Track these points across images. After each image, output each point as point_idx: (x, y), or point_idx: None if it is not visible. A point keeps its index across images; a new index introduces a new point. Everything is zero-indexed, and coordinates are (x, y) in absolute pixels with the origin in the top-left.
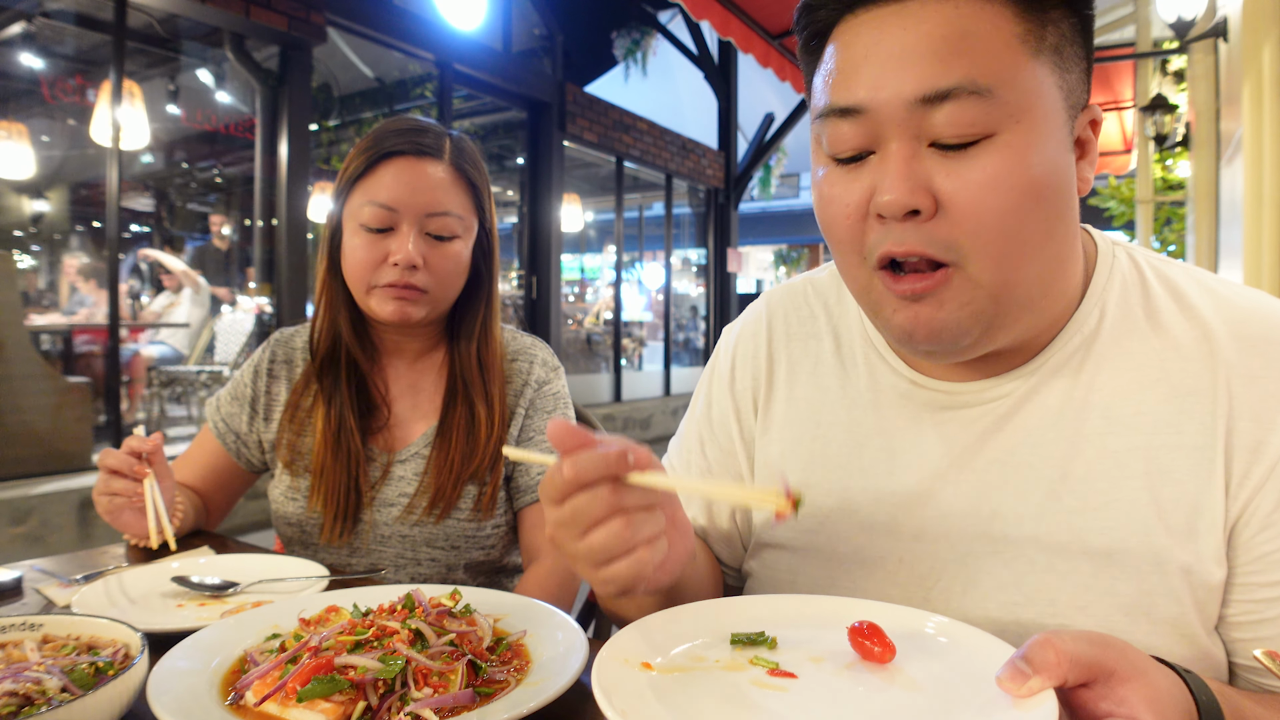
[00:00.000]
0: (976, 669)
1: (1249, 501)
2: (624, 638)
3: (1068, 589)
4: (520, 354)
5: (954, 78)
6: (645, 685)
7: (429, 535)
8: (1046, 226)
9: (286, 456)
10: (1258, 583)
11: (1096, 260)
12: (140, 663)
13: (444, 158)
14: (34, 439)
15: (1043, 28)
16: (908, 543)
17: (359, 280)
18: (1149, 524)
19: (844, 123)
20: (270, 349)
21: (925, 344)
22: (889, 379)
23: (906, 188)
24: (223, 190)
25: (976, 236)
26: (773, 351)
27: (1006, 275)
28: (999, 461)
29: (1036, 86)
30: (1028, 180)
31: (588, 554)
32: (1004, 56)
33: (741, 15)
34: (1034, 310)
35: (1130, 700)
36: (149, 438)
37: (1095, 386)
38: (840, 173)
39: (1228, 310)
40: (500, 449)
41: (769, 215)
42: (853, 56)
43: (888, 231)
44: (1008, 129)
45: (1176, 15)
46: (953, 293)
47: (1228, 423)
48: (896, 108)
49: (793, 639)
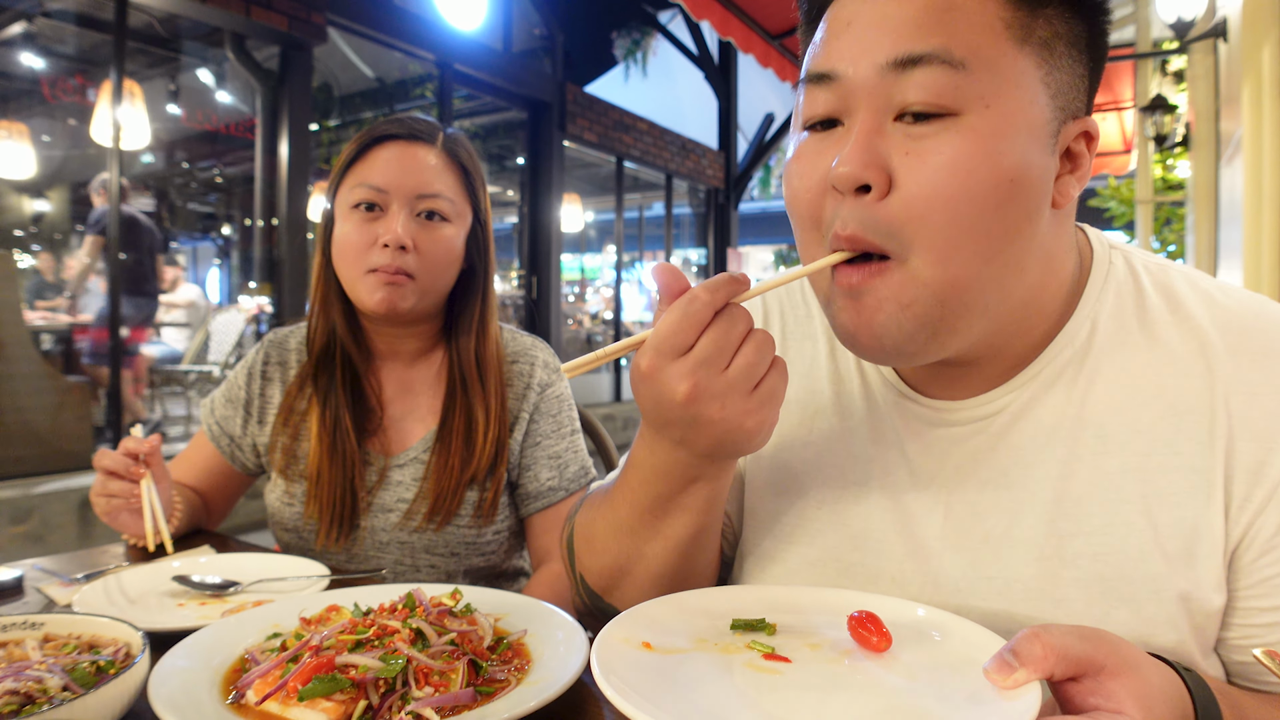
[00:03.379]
0: (967, 660)
1: (1250, 525)
2: (626, 619)
3: (1061, 617)
4: (521, 355)
5: (928, 45)
6: (643, 664)
7: (428, 542)
8: (1005, 228)
9: (281, 461)
10: (1258, 607)
11: (1092, 265)
12: (141, 662)
13: (436, 143)
14: (34, 439)
15: (1033, 18)
16: (899, 562)
17: (349, 266)
18: (1145, 549)
19: (818, 89)
20: (264, 350)
21: (869, 348)
22: (881, 391)
23: (861, 161)
24: (223, 190)
25: (923, 223)
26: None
27: (953, 273)
28: (992, 482)
29: (1015, 76)
30: (989, 170)
31: (743, 375)
32: (984, 35)
33: (741, 15)
34: (989, 317)
35: (1118, 695)
36: (146, 439)
37: (1089, 402)
38: (809, 144)
39: (1225, 319)
40: (498, 452)
41: (769, 215)
42: (836, 26)
43: (838, 211)
44: (976, 111)
45: (1176, 15)
46: (891, 289)
47: (1227, 443)
48: (868, 74)
49: (792, 625)
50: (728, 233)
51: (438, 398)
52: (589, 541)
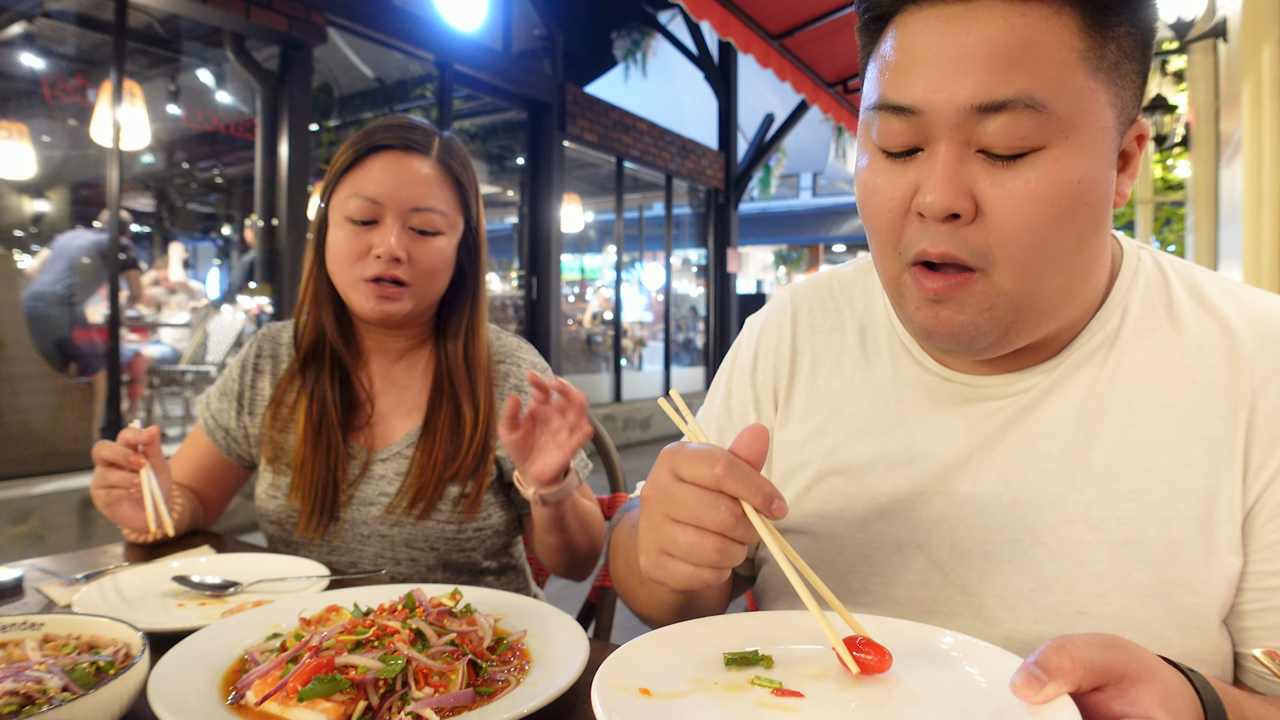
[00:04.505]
0: (978, 679)
1: (1264, 490)
2: (613, 666)
3: (1085, 577)
4: (506, 357)
5: (1011, 90)
6: (651, 713)
7: (408, 535)
8: (1079, 241)
9: (270, 453)
10: (1265, 570)
11: (1122, 262)
12: (141, 662)
13: (431, 154)
14: (34, 439)
15: (1104, 45)
16: (926, 529)
17: (342, 273)
18: (1167, 515)
19: (896, 119)
20: (257, 343)
21: (944, 343)
22: (913, 371)
23: (950, 191)
24: (223, 190)
25: (1010, 245)
26: (796, 344)
27: (1030, 285)
28: (1020, 451)
29: (1090, 104)
30: (1069, 195)
31: (682, 546)
32: (1063, 71)
33: (741, 15)
34: (1055, 317)
35: (1143, 700)
36: (144, 430)
37: (1117, 381)
38: (886, 165)
39: (1250, 310)
40: (483, 452)
41: (769, 215)
42: (912, 54)
43: (925, 231)
44: (1057, 144)
45: (1176, 15)
46: (975, 297)
47: (1249, 416)
48: (950, 112)
49: (787, 657)
50: (728, 233)
51: (424, 394)
52: (614, 560)
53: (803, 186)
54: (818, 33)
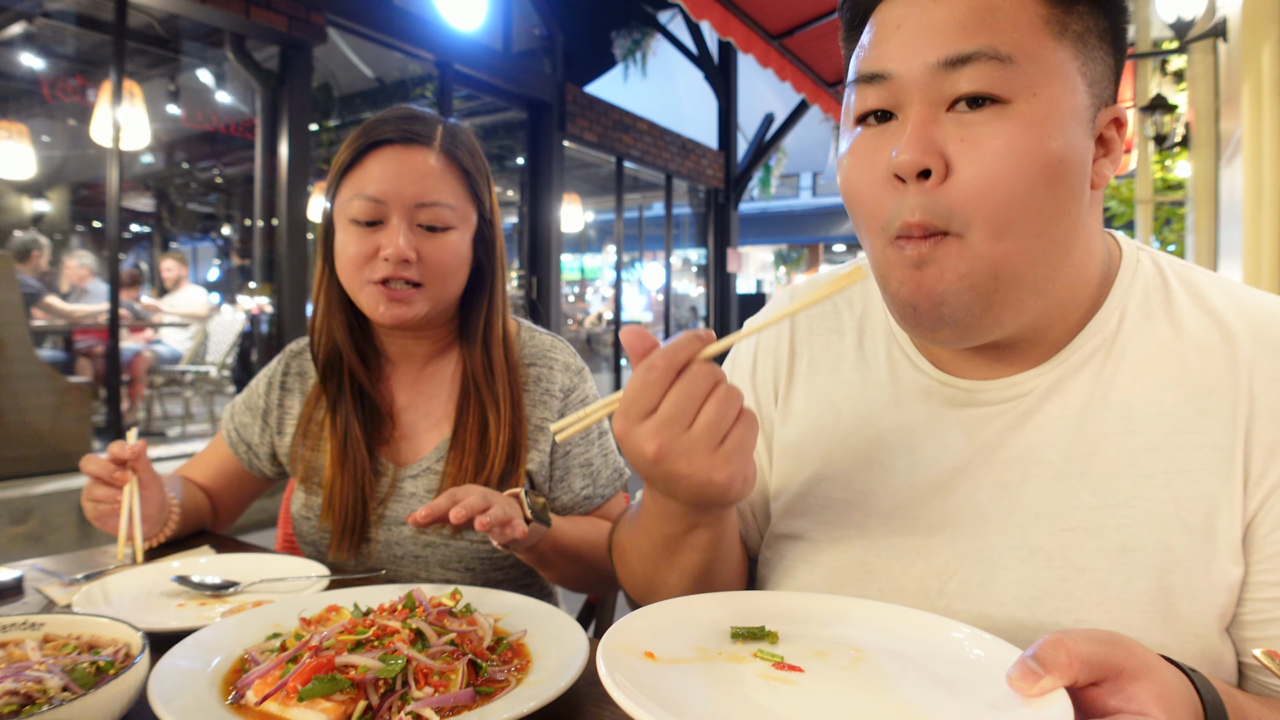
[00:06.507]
0: (980, 668)
1: (1265, 500)
2: (623, 628)
3: (1084, 585)
4: (539, 359)
5: (976, 44)
6: (652, 674)
7: (442, 557)
8: (1055, 205)
9: (302, 472)
10: (1267, 581)
11: (1121, 262)
12: (141, 662)
13: (434, 145)
14: (34, 439)
15: (1067, 14)
16: (924, 536)
17: (351, 277)
18: (1167, 522)
19: (869, 88)
20: (284, 361)
21: (929, 318)
22: (911, 375)
23: (921, 148)
24: (223, 190)
25: (981, 203)
26: (794, 345)
27: (1006, 248)
28: (1019, 458)
29: (1057, 66)
30: (1040, 153)
31: (706, 432)
32: (1026, 31)
33: (741, 15)
34: (1040, 293)
35: (1140, 697)
36: (132, 444)
37: (1116, 385)
38: (863, 139)
39: (1249, 313)
40: (511, 456)
41: (769, 215)
42: (884, 30)
43: (903, 201)
44: (1024, 99)
45: (1176, 15)
46: (952, 259)
47: (1248, 422)
48: (920, 73)
49: (793, 634)
50: (728, 233)
51: (452, 401)
52: (624, 561)
53: (803, 186)
54: (818, 32)
